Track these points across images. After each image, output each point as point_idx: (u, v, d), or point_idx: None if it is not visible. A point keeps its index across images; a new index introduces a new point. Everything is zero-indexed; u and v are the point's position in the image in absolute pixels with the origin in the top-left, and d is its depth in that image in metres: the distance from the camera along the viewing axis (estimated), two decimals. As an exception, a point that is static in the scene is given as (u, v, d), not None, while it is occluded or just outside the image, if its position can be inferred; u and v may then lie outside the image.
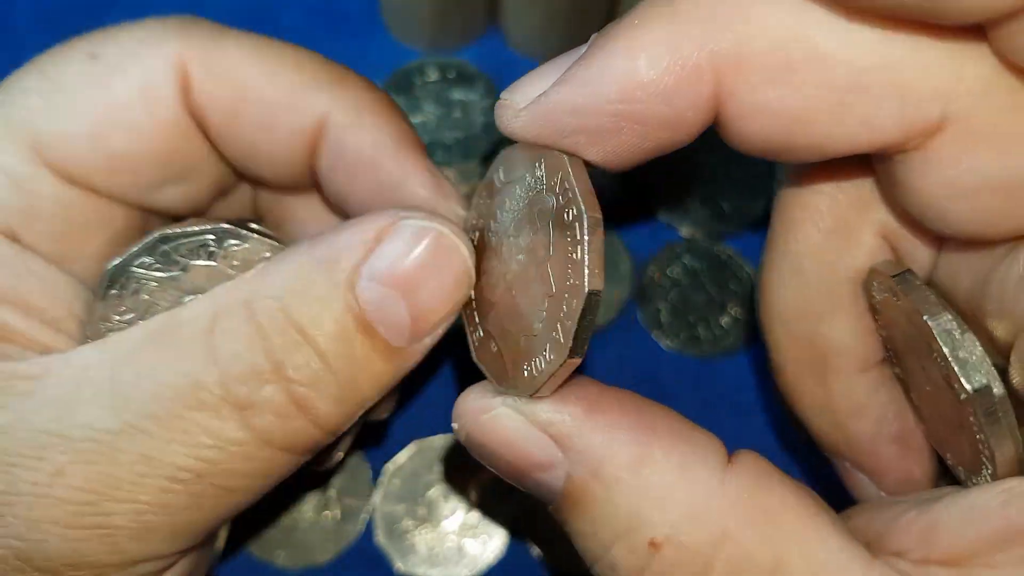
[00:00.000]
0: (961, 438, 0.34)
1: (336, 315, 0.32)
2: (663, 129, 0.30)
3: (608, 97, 0.29)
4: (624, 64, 0.29)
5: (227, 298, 0.33)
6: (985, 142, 0.28)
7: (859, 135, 0.29)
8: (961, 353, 0.32)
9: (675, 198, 0.59)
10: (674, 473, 0.29)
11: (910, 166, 0.30)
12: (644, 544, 0.29)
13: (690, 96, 0.29)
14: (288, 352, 0.31)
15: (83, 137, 0.35)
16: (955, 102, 0.28)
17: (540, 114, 0.30)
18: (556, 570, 0.51)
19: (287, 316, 0.32)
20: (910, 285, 0.34)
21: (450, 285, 0.33)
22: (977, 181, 0.29)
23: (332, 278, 0.32)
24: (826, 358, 0.38)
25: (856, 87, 0.28)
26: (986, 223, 0.31)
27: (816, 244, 0.37)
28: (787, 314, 0.38)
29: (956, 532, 0.30)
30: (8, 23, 0.62)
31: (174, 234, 0.36)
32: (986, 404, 0.32)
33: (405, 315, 0.32)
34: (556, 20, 0.57)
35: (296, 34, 0.62)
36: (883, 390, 0.39)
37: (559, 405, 0.30)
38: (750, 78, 0.28)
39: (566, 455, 0.30)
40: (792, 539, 0.29)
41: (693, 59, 0.28)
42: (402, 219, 0.32)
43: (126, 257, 0.36)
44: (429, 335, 0.33)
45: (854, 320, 0.38)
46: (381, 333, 0.32)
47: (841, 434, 0.40)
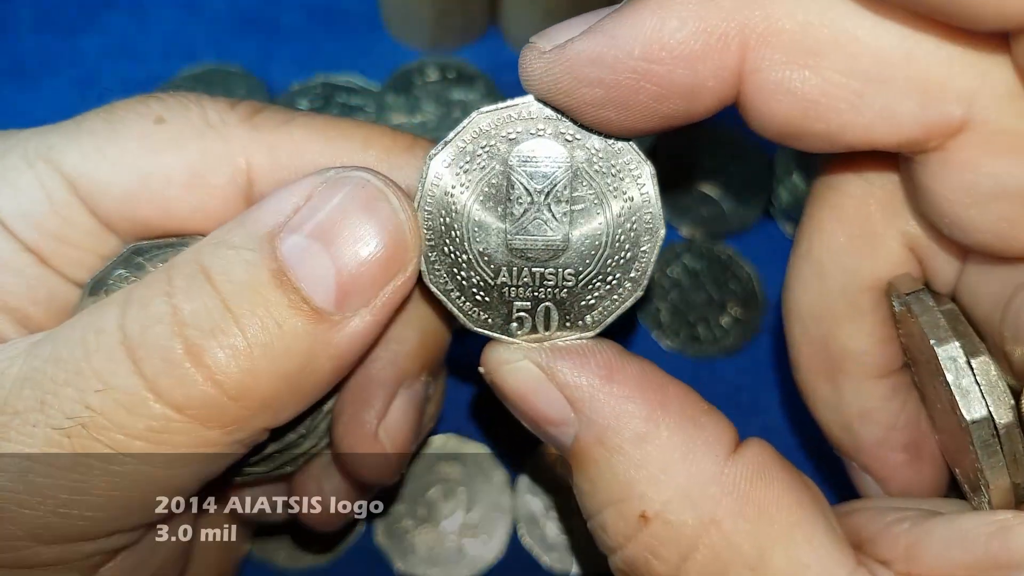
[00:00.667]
0: (966, 459, 0.34)
1: (248, 264, 0.30)
2: (681, 97, 0.30)
3: (632, 53, 0.29)
4: (652, 22, 0.29)
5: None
6: (1006, 148, 0.29)
7: (877, 127, 0.29)
8: (964, 382, 0.32)
9: (675, 198, 0.59)
10: (676, 453, 0.30)
11: (929, 168, 0.30)
12: (635, 514, 0.30)
13: (714, 65, 0.29)
14: (188, 296, 0.30)
15: (120, 195, 0.35)
16: (978, 104, 0.28)
17: (562, 59, 0.30)
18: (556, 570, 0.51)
19: (198, 263, 0.31)
20: (923, 306, 0.34)
21: (375, 234, 0.31)
22: (995, 188, 0.29)
23: (251, 230, 0.31)
24: (839, 362, 0.38)
25: (879, 78, 0.28)
26: (1004, 234, 0.30)
27: (840, 248, 0.37)
28: (805, 315, 0.38)
29: (940, 554, 0.30)
30: (8, 23, 0.62)
31: (148, 246, 0.36)
32: (983, 435, 0.32)
33: (329, 268, 0.31)
34: (556, 20, 0.57)
35: (296, 34, 0.63)
36: (897, 397, 0.39)
37: (580, 369, 0.32)
38: (775, 56, 0.29)
39: (577, 416, 0.31)
40: (780, 537, 0.30)
41: (721, 28, 0.28)
42: (330, 173, 0.32)
43: (104, 270, 0.36)
44: (363, 302, 0.32)
45: (871, 327, 0.37)
46: (302, 289, 0.30)
47: (850, 437, 0.40)
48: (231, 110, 0.36)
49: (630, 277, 0.33)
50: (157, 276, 0.31)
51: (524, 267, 0.33)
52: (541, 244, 0.33)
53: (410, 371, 0.38)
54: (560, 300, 0.33)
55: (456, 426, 0.53)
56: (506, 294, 0.33)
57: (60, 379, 0.30)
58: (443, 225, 0.32)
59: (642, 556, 0.31)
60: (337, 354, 0.32)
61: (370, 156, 0.36)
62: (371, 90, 0.60)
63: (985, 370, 0.32)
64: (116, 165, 0.35)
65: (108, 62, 0.61)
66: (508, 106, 0.32)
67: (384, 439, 0.37)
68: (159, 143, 0.35)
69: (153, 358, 0.30)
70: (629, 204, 0.32)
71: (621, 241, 0.32)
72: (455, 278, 0.33)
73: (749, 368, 0.55)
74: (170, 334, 0.30)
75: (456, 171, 0.32)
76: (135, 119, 0.35)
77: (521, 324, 0.33)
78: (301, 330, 0.31)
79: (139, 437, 0.30)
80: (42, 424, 0.29)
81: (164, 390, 0.30)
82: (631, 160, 0.32)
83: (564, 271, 0.33)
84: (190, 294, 0.30)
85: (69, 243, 0.35)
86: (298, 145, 0.36)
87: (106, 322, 0.30)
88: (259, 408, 0.31)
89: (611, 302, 0.33)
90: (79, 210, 0.35)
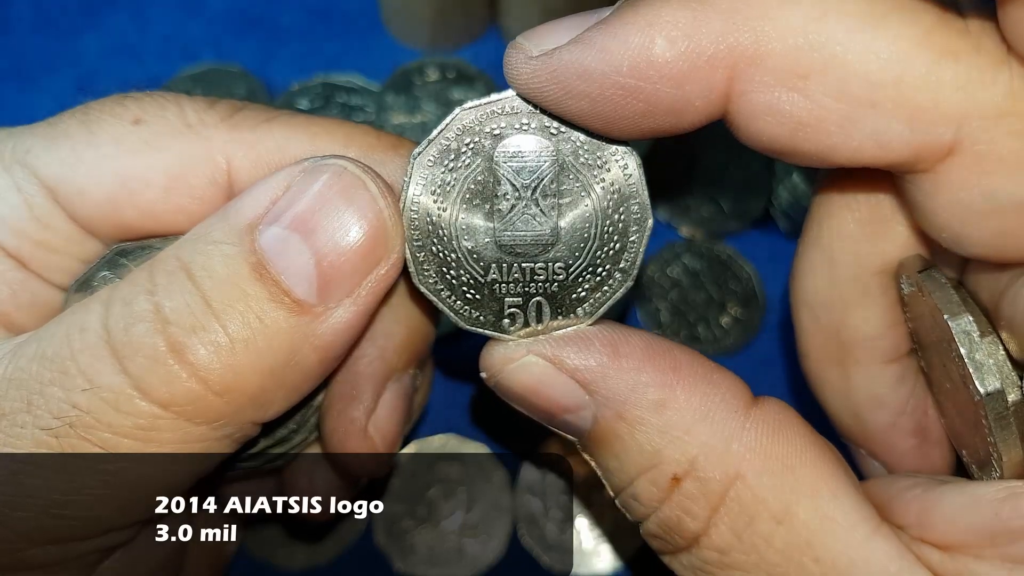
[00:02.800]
0: (976, 436, 0.34)
1: (227, 258, 0.30)
2: (668, 113, 0.30)
3: (620, 70, 0.29)
4: (641, 40, 0.28)
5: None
6: (997, 167, 0.29)
7: (866, 149, 0.29)
8: (978, 355, 0.32)
9: (675, 198, 0.59)
10: (695, 414, 0.31)
11: (923, 188, 0.30)
12: (666, 479, 0.31)
13: (701, 85, 0.29)
14: (169, 293, 0.30)
15: (100, 200, 0.35)
16: (968, 126, 0.28)
17: (549, 69, 0.30)
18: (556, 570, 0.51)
19: (179, 259, 0.31)
20: (935, 283, 0.34)
21: (354, 222, 0.31)
22: (988, 205, 0.29)
23: (230, 224, 0.31)
24: (849, 348, 0.39)
25: (869, 101, 0.28)
26: (999, 247, 0.31)
27: (850, 233, 0.37)
28: (815, 302, 0.38)
29: (951, 519, 0.30)
30: (8, 23, 0.62)
31: (132, 247, 0.36)
32: (997, 408, 0.32)
33: (309, 258, 0.31)
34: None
35: (296, 34, 0.63)
36: (906, 383, 0.39)
37: (585, 351, 0.32)
38: (764, 78, 0.29)
39: (592, 398, 0.32)
40: (805, 490, 0.30)
41: (711, 50, 0.28)
42: (307, 163, 0.32)
43: (88, 272, 0.36)
44: (346, 292, 0.31)
45: (881, 312, 0.37)
46: (282, 281, 0.30)
47: (859, 423, 0.40)
48: (210, 109, 0.36)
49: (620, 268, 0.33)
50: (139, 274, 0.31)
51: (514, 263, 0.33)
52: (530, 239, 0.32)
53: (398, 365, 0.38)
54: (551, 294, 0.33)
55: (456, 426, 0.53)
56: (497, 291, 0.33)
57: (46, 378, 0.30)
58: (430, 224, 0.32)
59: (675, 515, 0.31)
60: (322, 345, 0.32)
61: (352, 153, 0.35)
62: (371, 90, 0.60)
63: (994, 350, 0.33)
64: (94, 169, 0.34)
65: (108, 62, 0.61)
66: (491, 101, 0.32)
67: (374, 434, 0.38)
68: (137, 145, 0.35)
69: (137, 356, 0.30)
70: (616, 195, 0.32)
71: (610, 232, 0.32)
72: (444, 277, 0.33)
73: (749, 368, 0.55)
74: (153, 332, 0.30)
75: (441, 169, 0.32)
76: (112, 121, 0.35)
77: (513, 320, 0.33)
78: (283, 323, 0.30)
79: (127, 435, 0.30)
80: (30, 425, 0.29)
81: (149, 387, 0.30)
82: (616, 151, 0.32)
83: (554, 265, 0.33)
84: (171, 291, 0.30)
85: (49, 248, 0.35)
86: (279, 143, 0.35)
87: (90, 320, 0.30)
88: (246, 402, 0.31)
89: (602, 293, 0.33)
90: (58, 215, 0.35)
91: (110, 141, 0.35)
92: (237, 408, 0.31)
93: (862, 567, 0.30)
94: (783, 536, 0.30)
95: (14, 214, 0.34)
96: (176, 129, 0.35)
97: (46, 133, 0.35)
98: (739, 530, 0.31)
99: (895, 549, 0.30)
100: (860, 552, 0.30)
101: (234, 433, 0.32)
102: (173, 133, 0.35)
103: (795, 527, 0.30)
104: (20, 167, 0.34)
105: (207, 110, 0.36)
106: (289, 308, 0.30)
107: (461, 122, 0.32)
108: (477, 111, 0.32)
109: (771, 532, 0.30)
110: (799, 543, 0.30)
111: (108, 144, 0.35)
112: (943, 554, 0.30)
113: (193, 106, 0.36)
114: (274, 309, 0.30)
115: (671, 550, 0.33)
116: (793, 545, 0.30)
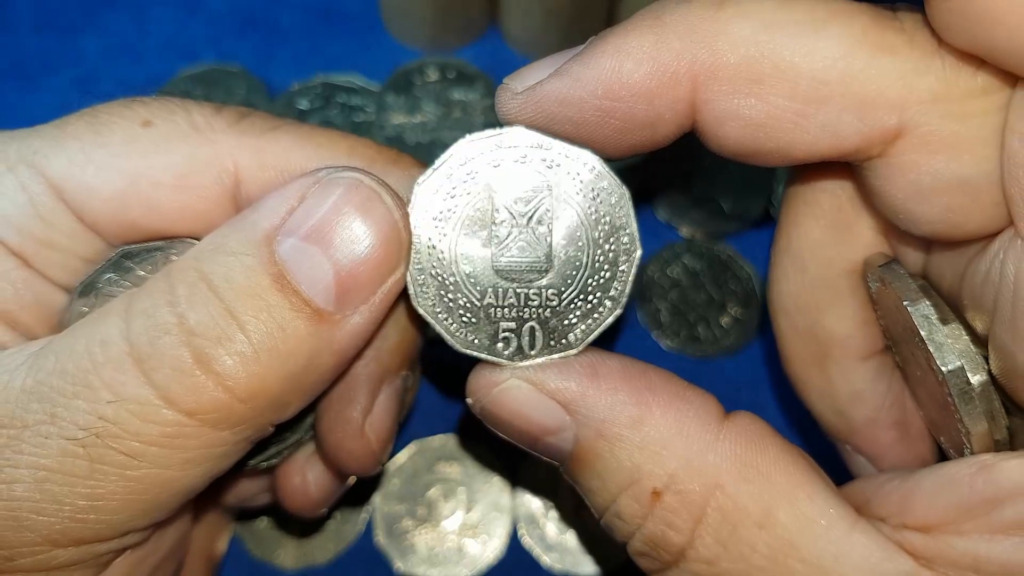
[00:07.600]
0: (948, 419, 0.36)
1: (248, 269, 0.31)
2: (643, 127, 0.32)
3: (595, 92, 0.32)
4: (612, 64, 0.31)
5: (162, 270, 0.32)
6: (938, 147, 0.31)
7: (822, 141, 0.32)
8: (937, 337, 0.34)
9: (675, 198, 0.59)
10: (671, 429, 0.32)
11: (877, 172, 0.32)
12: (647, 494, 0.32)
13: (669, 99, 0.32)
14: (192, 305, 0.31)
15: (108, 197, 0.35)
16: (909, 111, 0.31)
17: (533, 100, 0.33)
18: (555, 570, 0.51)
19: (198, 271, 0.31)
20: (895, 274, 0.36)
21: (370, 233, 0.32)
22: (936, 183, 0.32)
23: (248, 235, 0.32)
24: (827, 348, 0.40)
25: (818, 98, 0.31)
26: (951, 223, 0.32)
27: (817, 239, 0.39)
28: (790, 307, 0.40)
29: (929, 501, 0.32)
30: (8, 23, 0.62)
31: (137, 250, 0.36)
32: (959, 384, 0.34)
33: (327, 268, 0.31)
34: (555, 20, 0.57)
35: (296, 34, 0.63)
36: (883, 378, 0.41)
37: (565, 374, 0.33)
38: (723, 87, 0.31)
39: (573, 418, 0.33)
40: (783, 495, 0.32)
41: (673, 67, 0.31)
42: (321, 173, 0.33)
43: (93, 274, 0.36)
44: (362, 299, 0.32)
45: (853, 311, 0.39)
46: (302, 291, 0.31)
47: (842, 420, 0.42)
48: (217, 114, 0.37)
49: (610, 296, 0.34)
50: (158, 285, 0.32)
51: (509, 288, 0.34)
52: (525, 265, 0.34)
53: (392, 367, 0.39)
54: (544, 319, 0.34)
55: (456, 426, 0.53)
56: (492, 314, 0.34)
57: (69, 392, 0.30)
58: (430, 249, 0.34)
59: (659, 530, 0.32)
60: (339, 350, 0.33)
61: (355, 164, 0.36)
62: (371, 90, 0.60)
63: (957, 335, 0.34)
64: (104, 169, 0.35)
65: (108, 62, 0.61)
66: (493, 135, 0.34)
67: (370, 434, 0.39)
68: (147, 146, 0.35)
69: (163, 368, 0.30)
70: (607, 227, 0.34)
71: (600, 262, 0.34)
72: (443, 300, 0.34)
73: (749, 368, 0.55)
74: (178, 344, 0.30)
75: (443, 197, 0.34)
76: (121, 123, 0.36)
77: (507, 344, 0.34)
78: (304, 331, 0.32)
79: (153, 443, 0.30)
80: (55, 435, 0.30)
81: (176, 398, 0.30)
82: (609, 186, 0.34)
83: (547, 291, 0.34)
84: (194, 303, 0.31)
85: (54, 247, 0.35)
86: (284, 150, 0.36)
87: (111, 333, 0.31)
88: (267, 407, 0.32)
89: (592, 320, 0.34)
90: (64, 214, 0.35)
91: (121, 142, 0.35)
92: (258, 413, 0.32)
93: (845, 561, 0.31)
94: (767, 540, 0.31)
95: (18, 212, 0.35)
96: (185, 132, 0.36)
97: (53, 135, 0.36)
98: (724, 539, 0.32)
99: (875, 540, 0.31)
100: (842, 547, 0.31)
101: (252, 435, 0.33)
102: (182, 136, 0.36)
103: (777, 530, 0.31)
104: (26, 167, 0.35)
105: (214, 115, 0.37)
106: (309, 317, 0.32)
107: (464, 153, 0.34)
108: (480, 143, 0.34)
109: (755, 538, 0.31)
110: (783, 546, 0.31)
111: (119, 144, 0.35)
112: (925, 536, 0.31)
113: (201, 111, 0.37)
114: (295, 318, 0.31)
115: (659, 567, 0.33)
116: (778, 548, 0.31)
